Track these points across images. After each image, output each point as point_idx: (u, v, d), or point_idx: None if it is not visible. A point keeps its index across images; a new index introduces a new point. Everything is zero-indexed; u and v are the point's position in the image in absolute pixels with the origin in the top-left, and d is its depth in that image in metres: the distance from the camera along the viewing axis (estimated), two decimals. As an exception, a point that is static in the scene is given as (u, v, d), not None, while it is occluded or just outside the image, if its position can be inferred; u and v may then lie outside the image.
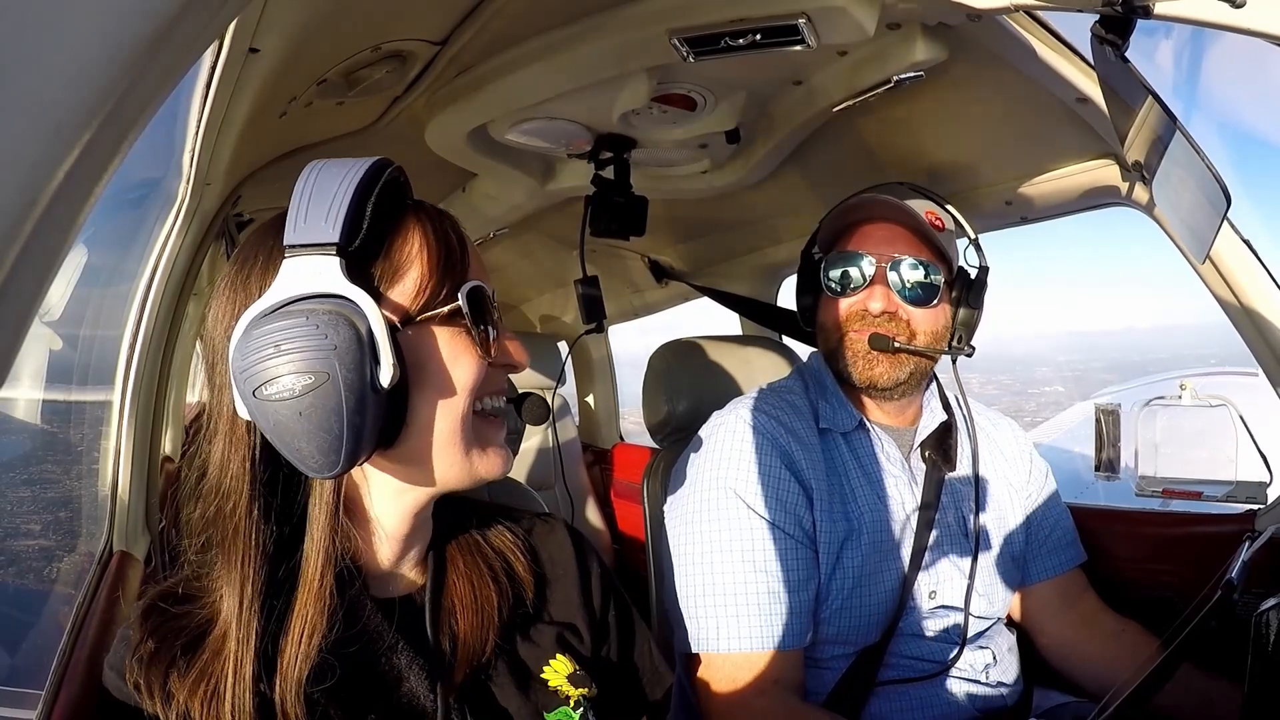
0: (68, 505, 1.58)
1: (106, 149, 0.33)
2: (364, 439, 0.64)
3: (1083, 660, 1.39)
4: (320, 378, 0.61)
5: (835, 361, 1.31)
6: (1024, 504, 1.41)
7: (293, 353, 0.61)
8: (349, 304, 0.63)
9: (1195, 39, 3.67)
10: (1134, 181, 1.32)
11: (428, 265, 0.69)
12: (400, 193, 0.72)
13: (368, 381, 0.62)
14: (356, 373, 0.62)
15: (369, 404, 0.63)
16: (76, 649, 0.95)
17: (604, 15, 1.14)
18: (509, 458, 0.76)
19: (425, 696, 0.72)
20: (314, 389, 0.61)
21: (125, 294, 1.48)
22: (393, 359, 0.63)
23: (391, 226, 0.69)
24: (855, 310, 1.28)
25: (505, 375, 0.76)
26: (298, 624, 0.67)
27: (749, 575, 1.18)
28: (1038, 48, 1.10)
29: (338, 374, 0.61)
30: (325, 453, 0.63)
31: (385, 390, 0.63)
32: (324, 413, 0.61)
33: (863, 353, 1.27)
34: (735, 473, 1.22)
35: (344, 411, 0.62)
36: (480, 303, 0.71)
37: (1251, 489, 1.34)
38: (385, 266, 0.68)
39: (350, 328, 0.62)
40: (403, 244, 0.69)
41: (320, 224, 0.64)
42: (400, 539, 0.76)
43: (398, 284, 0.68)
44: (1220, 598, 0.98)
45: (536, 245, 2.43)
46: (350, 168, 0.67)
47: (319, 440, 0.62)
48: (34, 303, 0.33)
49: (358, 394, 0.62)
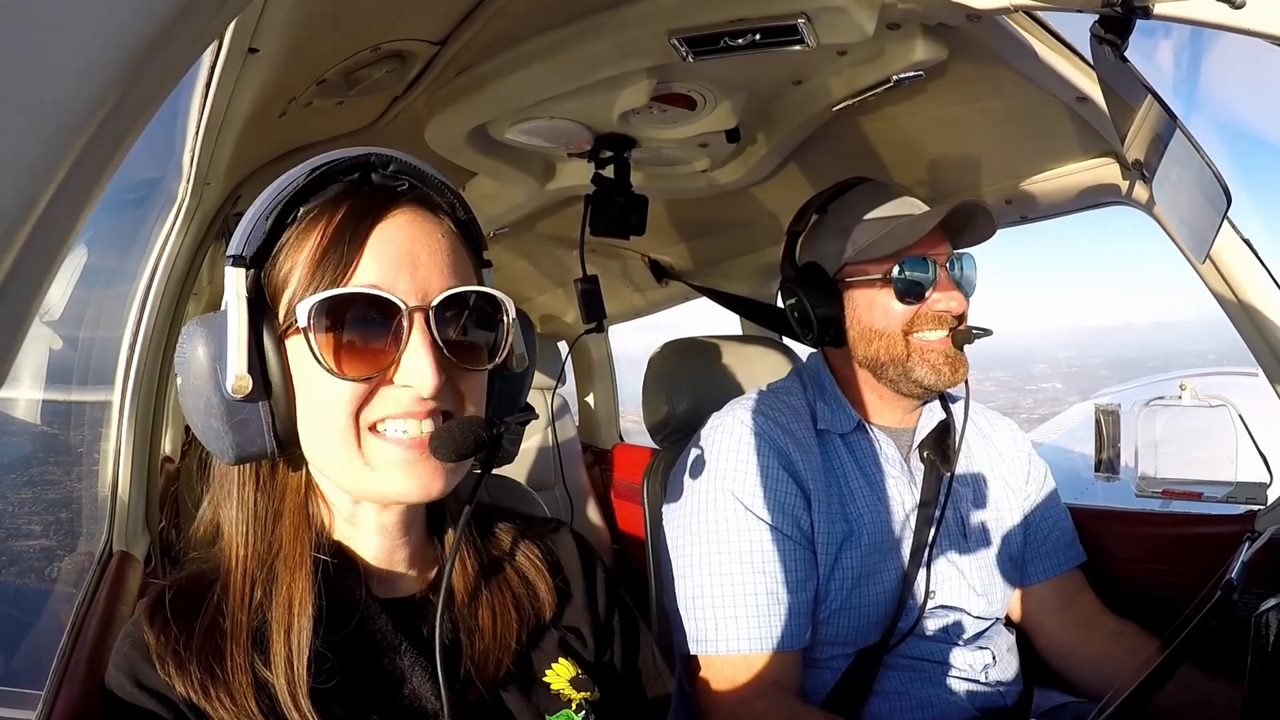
0: (68, 505, 1.58)
1: (106, 149, 0.33)
2: (230, 439, 0.67)
3: (1082, 661, 1.39)
4: (184, 382, 0.68)
5: (899, 365, 1.26)
6: (1022, 504, 1.41)
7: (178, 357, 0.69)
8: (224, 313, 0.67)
9: (1195, 39, 3.67)
10: (1134, 180, 1.33)
11: (303, 273, 0.67)
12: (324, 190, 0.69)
13: (215, 389, 0.67)
14: (205, 381, 0.67)
15: (219, 410, 0.67)
16: (76, 649, 0.95)
17: (604, 15, 1.14)
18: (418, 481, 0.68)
19: (428, 698, 0.72)
20: (182, 391, 0.69)
21: (125, 294, 1.48)
22: (235, 370, 0.65)
23: (295, 232, 0.68)
24: (928, 313, 1.24)
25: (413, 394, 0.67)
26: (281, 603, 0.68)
27: (747, 576, 1.18)
28: (1037, 48, 1.10)
29: (191, 382, 0.67)
30: (209, 444, 0.69)
31: (236, 398, 0.66)
32: (190, 412, 0.69)
33: (948, 356, 1.24)
34: (733, 474, 1.22)
35: (200, 413, 0.68)
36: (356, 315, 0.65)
37: (1251, 489, 1.34)
38: (276, 275, 0.69)
39: (203, 339, 0.67)
40: (295, 250, 0.68)
41: (239, 235, 0.69)
42: (380, 535, 0.75)
43: (284, 293, 0.68)
44: (1220, 598, 0.98)
45: (536, 245, 2.43)
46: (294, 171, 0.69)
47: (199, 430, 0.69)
48: (34, 303, 0.33)
49: (205, 400, 0.67)
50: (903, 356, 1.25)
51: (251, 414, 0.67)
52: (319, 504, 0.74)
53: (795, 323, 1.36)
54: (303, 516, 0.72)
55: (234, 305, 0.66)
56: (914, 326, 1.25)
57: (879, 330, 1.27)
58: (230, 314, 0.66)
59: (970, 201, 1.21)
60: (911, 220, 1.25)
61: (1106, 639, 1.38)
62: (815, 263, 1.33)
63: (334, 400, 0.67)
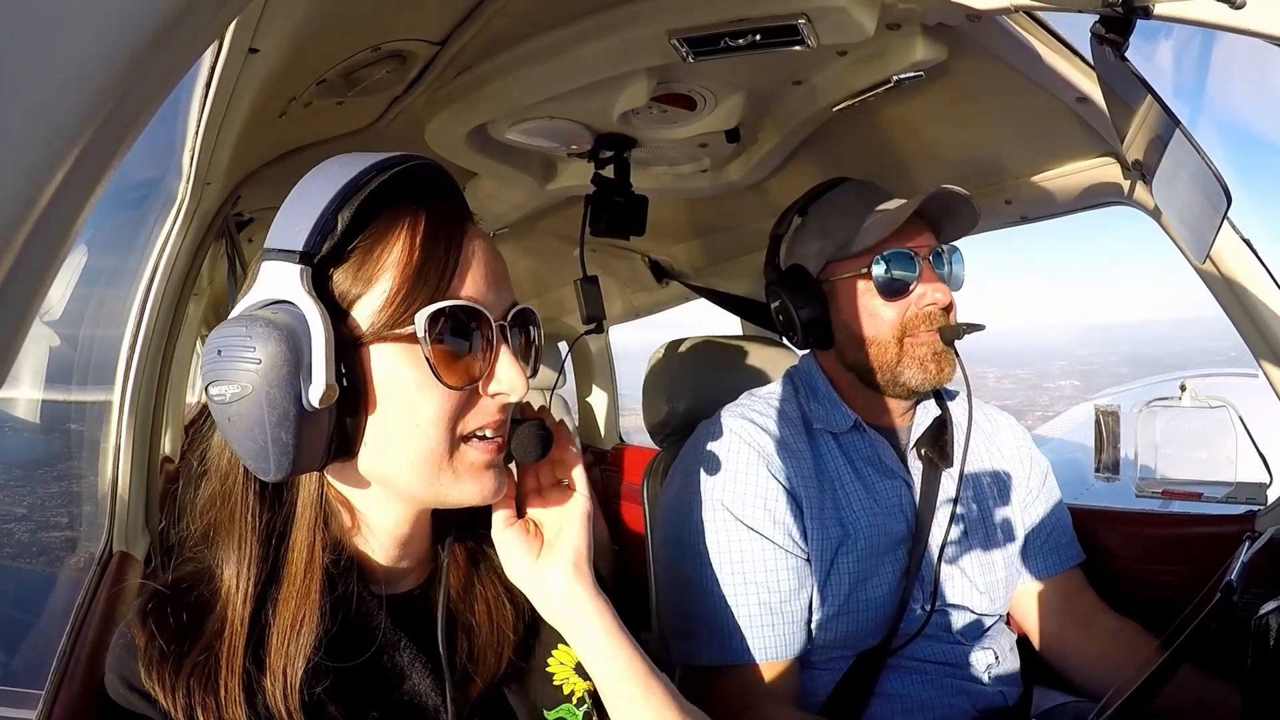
0: (67, 505, 1.58)
1: (106, 149, 0.33)
2: (294, 453, 0.63)
3: (1081, 660, 1.39)
4: (244, 390, 0.61)
5: (887, 371, 1.23)
6: (1022, 501, 1.40)
7: (228, 361, 0.62)
8: (297, 315, 0.62)
9: (1195, 39, 3.67)
10: (1134, 181, 1.32)
11: (399, 279, 0.65)
12: (403, 194, 0.67)
13: (294, 399, 0.61)
14: (281, 389, 0.61)
15: (293, 421, 0.61)
16: (76, 649, 0.95)
17: (604, 15, 1.14)
18: (495, 484, 0.71)
19: (428, 694, 0.72)
20: (239, 399, 0.61)
21: (125, 294, 1.48)
22: (328, 379, 0.61)
23: (371, 233, 0.66)
24: (917, 314, 1.21)
25: (498, 403, 0.70)
26: (285, 615, 0.67)
27: (739, 587, 1.17)
28: (1038, 48, 1.10)
29: (260, 389, 0.61)
30: (255, 459, 0.64)
31: (316, 409, 0.62)
32: (249, 423, 0.62)
33: (936, 352, 1.21)
34: (721, 484, 1.21)
35: (266, 425, 0.61)
36: (461, 326, 0.67)
37: (1251, 490, 1.34)
38: (353, 276, 0.65)
39: (281, 343, 0.60)
40: (381, 253, 0.65)
41: (292, 229, 0.64)
42: (398, 540, 0.75)
43: (365, 296, 0.65)
44: (1220, 599, 0.98)
45: (537, 245, 2.43)
46: (353, 166, 0.66)
47: (246, 447, 0.63)
48: (34, 303, 0.33)
49: (280, 410, 0.61)
50: (893, 362, 1.23)
51: (321, 425, 0.63)
52: (336, 510, 0.72)
53: (780, 325, 1.35)
54: (318, 527, 0.70)
55: (310, 306, 0.62)
56: (906, 331, 1.22)
57: (869, 338, 1.24)
58: (310, 315, 0.62)
59: (948, 189, 1.17)
60: (888, 212, 1.23)
61: (1106, 638, 1.37)
62: (798, 265, 1.32)
63: (434, 410, 0.66)
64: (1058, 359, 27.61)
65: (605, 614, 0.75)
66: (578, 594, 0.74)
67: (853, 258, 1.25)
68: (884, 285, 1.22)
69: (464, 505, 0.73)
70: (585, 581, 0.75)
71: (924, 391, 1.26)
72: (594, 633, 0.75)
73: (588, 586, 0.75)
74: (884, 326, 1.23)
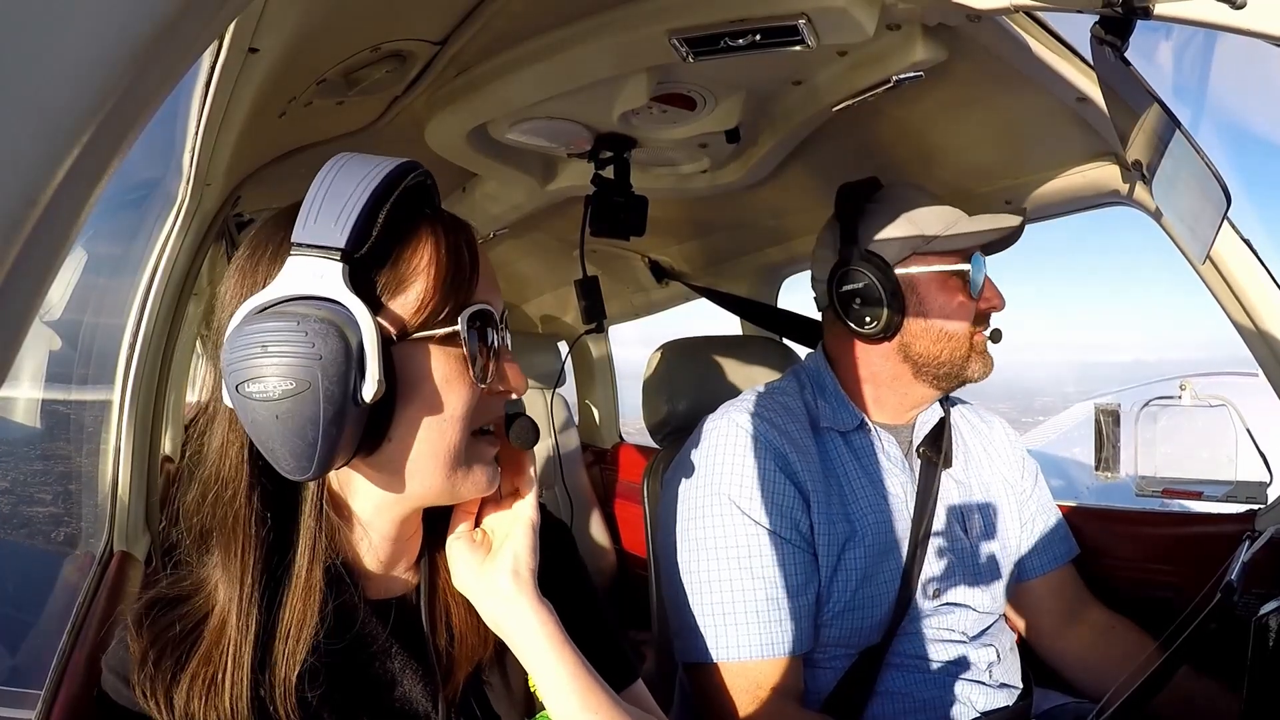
0: (67, 505, 1.58)
1: (106, 149, 0.33)
2: (339, 448, 0.63)
3: (1074, 655, 1.41)
4: (302, 385, 0.60)
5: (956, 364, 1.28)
6: (1019, 499, 1.42)
7: (279, 356, 0.60)
8: (344, 313, 0.62)
9: (1195, 40, 3.64)
10: (1134, 181, 1.33)
11: (433, 281, 0.67)
12: (420, 200, 0.70)
13: (349, 394, 0.62)
14: (339, 385, 0.61)
15: (347, 416, 0.62)
16: (76, 649, 0.95)
17: (604, 15, 1.14)
18: (495, 476, 0.75)
19: (419, 700, 0.72)
20: (293, 395, 0.60)
21: (125, 295, 1.48)
22: (379, 374, 0.62)
23: (403, 235, 0.67)
24: (982, 311, 1.29)
25: (500, 399, 0.75)
26: (287, 620, 0.67)
27: (746, 582, 1.17)
28: (1038, 48, 1.10)
29: (319, 384, 0.60)
30: (297, 457, 0.63)
31: (367, 404, 0.63)
32: (301, 420, 0.61)
33: (983, 350, 1.30)
34: (729, 479, 1.21)
35: (320, 421, 0.61)
36: (483, 327, 0.70)
37: (1251, 489, 1.34)
38: (390, 277, 0.67)
39: (340, 339, 0.61)
40: (412, 255, 0.67)
41: (330, 225, 0.63)
42: (390, 543, 0.75)
43: (400, 296, 0.67)
44: (1220, 599, 0.98)
45: (537, 245, 2.43)
46: (373, 167, 0.66)
47: (292, 445, 0.62)
48: (34, 303, 0.33)
49: (337, 405, 0.61)
50: (963, 355, 1.28)
51: (361, 422, 0.64)
52: (335, 513, 0.72)
53: (855, 311, 1.29)
54: (320, 529, 0.70)
55: (356, 304, 0.62)
56: (974, 325, 1.29)
57: (949, 332, 1.27)
58: (358, 313, 0.62)
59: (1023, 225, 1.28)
60: (991, 216, 1.29)
61: (1099, 633, 1.39)
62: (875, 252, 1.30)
63: (459, 406, 0.69)
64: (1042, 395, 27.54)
65: (548, 623, 0.74)
66: (519, 601, 0.74)
67: (941, 254, 1.27)
68: (973, 284, 1.27)
69: (469, 498, 0.75)
70: (526, 589, 0.74)
71: (975, 383, 1.31)
72: (535, 641, 0.74)
73: (529, 594, 0.74)
74: (963, 322, 1.27)
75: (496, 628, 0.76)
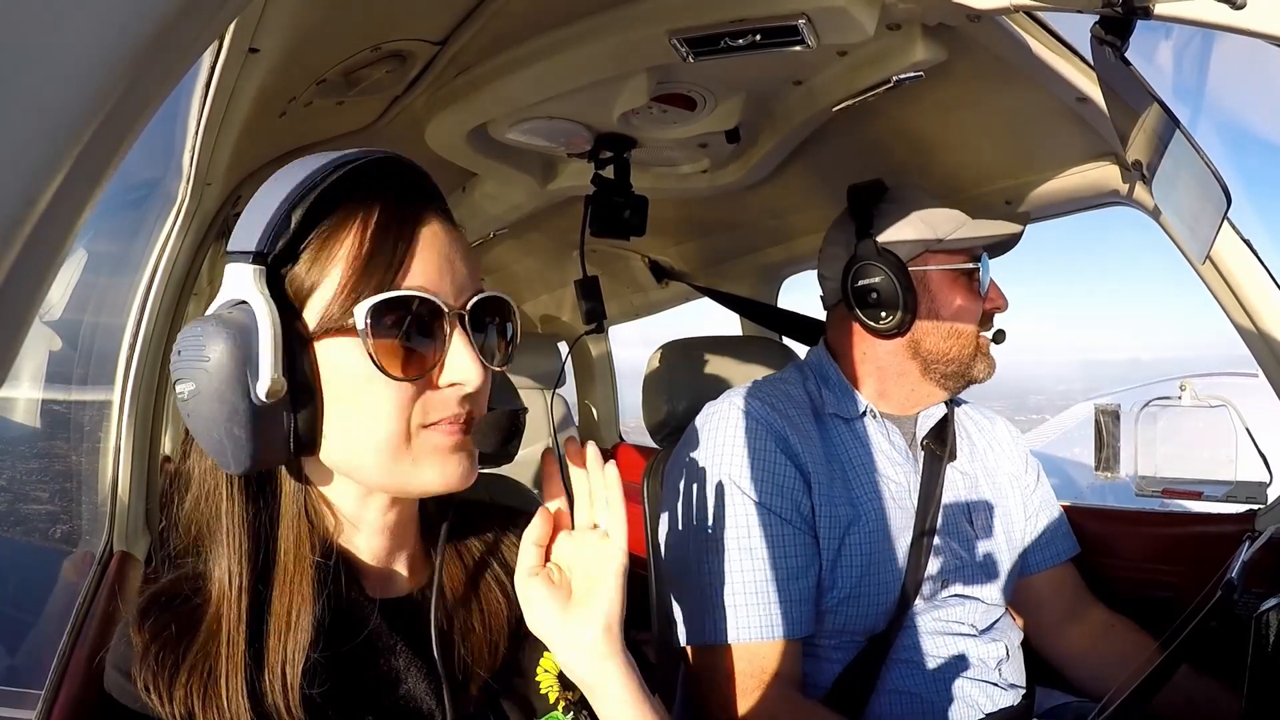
0: (66, 505, 1.58)
1: (106, 149, 0.33)
2: (251, 447, 0.64)
3: (1077, 655, 1.40)
4: (198, 388, 0.63)
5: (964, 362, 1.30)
6: (1022, 494, 1.42)
7: (182, 360, 0.64)
8: (249, 314, 0.63)
9: (1195, 40, 3.66)
10: (1134, 181, 1.33)
11: (346, 273, 0.65)
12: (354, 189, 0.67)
13: (243, 395, 0.62)
14: (230, 386, 0.62)
15: (245, 416, 0.63)
16: (76, 649, 0.95)
17: (604, 15, 1.14)
18: (461, 471, 0.70)
19: (424, 698, 0.72)
20: (194, 396, 0.63)
21: (125, 294, 1.48)
22: (273, 374, 0.62)
23: (326, 230, 0.66)
24: (987, 311, 1.31)
25: (457, 394, 0.69)
26: (279, 610, 0.67)
27: (745, 563, 1.17)
28: (1038, 48, 1.10)
29: (210, 386, 0.62)
30: (218, 454, 0.65)
31: (266, 403, 0.63)
32: (204, 420, 0.64)
33: (987, 350, 1.32)
34: (729, 460, 1.21)
35: (219, 421, 0.63)
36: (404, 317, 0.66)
37: (1251, 489, 1.34)
38: (306, 274, 0.66)
39: (228, 340, 0.62)
40: (332, 249, 0.66)
41: (249, 230, 0.65)
42: (382, 535, 0.75)
43: (316, 293, 0.66)
44: (1220, 598, 0.98)
45: (537, 245, 2.43)
46: (306, 166, 0.66)
47: (209, 443, 0.65)
48: (34, 303, 0.33)
49: (230, 406, 0.62)
50: (970, 354, 1.30)
51: (276, 420, 0.65)
52: (319, 506, 0.72)
53: (870, 307, 1.30)
54: (302, 521, 0.70)
55: (260, 304, 0.63)
56: (982, 325, 1.30)
57: (959, 330, 1.29)
58: (259, 313, 0.63)
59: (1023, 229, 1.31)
60: (996, 222, 1.31)
61: (1098, 631, 1.39)
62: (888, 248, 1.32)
63: (385, 403, 0.66)
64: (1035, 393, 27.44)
65: (630, 681, 0.73)
66: (607, 659, 0.72)
67: (958, 252, 1.30)
68: (979, 284, 1.30)
69: (430, 493, 0.71)
70: (615, 646, 0.72)
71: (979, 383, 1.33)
72: (618, 699, 0.72)
73: (617, 652, 0.73)
74: (971, 321, 1.29)
75: (578, 679, 0.74)
